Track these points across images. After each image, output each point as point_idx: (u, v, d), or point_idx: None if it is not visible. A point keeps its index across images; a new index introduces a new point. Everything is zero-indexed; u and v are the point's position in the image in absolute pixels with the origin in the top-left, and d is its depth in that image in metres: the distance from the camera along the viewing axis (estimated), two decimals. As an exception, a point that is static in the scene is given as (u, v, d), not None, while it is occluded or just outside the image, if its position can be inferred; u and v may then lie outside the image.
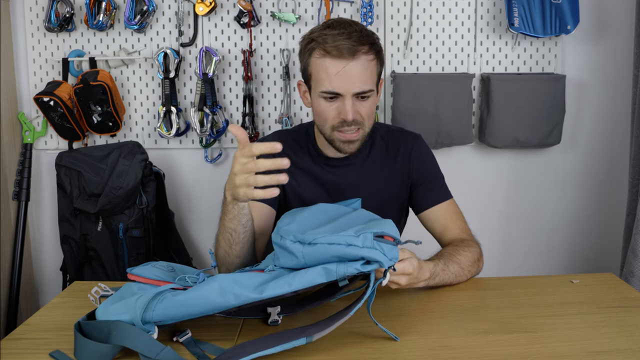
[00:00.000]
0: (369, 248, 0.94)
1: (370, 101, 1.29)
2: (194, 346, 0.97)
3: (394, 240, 0.98)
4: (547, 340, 0.99)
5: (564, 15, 1.99)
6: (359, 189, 1.41)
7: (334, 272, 0.93)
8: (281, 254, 1.01)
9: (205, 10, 2.02)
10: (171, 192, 2.18)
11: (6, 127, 2.07)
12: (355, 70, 1.24)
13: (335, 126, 1.29)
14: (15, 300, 2.06)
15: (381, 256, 0.94)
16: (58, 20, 2.03)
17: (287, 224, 1.06)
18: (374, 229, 0.96)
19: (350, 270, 0.93)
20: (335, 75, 1.23)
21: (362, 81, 1.25)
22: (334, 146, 1.33)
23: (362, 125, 1.29)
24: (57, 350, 0.97)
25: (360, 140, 1.32)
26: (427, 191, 1.42)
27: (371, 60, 1.26)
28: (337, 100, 1.27)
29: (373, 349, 0.97)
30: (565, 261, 2.27)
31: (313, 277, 0.93)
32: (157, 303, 0.94)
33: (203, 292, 0.94)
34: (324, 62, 1.24)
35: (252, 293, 0.92)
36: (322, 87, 1.26)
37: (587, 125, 2.20)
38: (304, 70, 1.32)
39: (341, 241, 0.94)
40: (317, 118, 1.33)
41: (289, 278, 0.94)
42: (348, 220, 1.10)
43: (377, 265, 0.94)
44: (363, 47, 1.24)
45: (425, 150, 1.45)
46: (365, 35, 1.26)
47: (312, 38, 1.27)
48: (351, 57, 1.23)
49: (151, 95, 2.15)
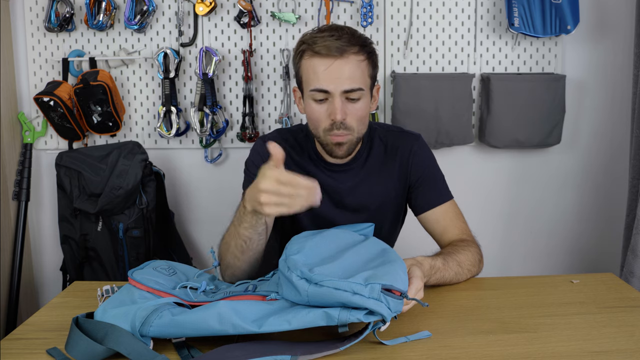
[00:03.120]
0: (375, 300, 0.93)
1: (360, 104, 1.27)
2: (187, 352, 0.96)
3: (401, 295, 0.97)
4: (547, 340, 0.99)
5: (564, 15, 1.99)
6: (358, 193, 1.40)
7: (336, 318, 0.92)
8: (285, 285, 1.00)
9: (205, 10, 2.02)
10: (171, 192, 2.18)
11: (6, 127, 2.07)
12: (344, 67, 1.23)
13: (326, 129, 1.28)
14: (15, 300, 2.06)
15: (386, 310, 0.93)
16: (58, 20, 2.03)
17: (295, 252, 1.04)
18: (383, 280, 0.95)
19: (352, 319, 0.92)
20: (323, 73, 1.23)
21: (351, 78, 1.23)
22: (326, 150, 1.33)
23: (351, 130, 1.27)
24: (54, 347, 0.97)
25: (349, 144, 1.30)
26: (427, 193, 1.41)
27: (361, 61, 1.25)
28: (326, 102, 1.26)
29: (373, 349, 0.97)
30: (565, 261, 2.27)
31: (314, 320, 0.93)
32: (155, 319, 0.94)
33: (202, 316, 0.94)
34: (312, 62, 1.25)
35: (251, 326, 0.92)
36: (311, 86, 1.26)
37: (587, 125, 2.20)
38: (296, 74, 1.32)
39: (348, 288, 0.93)
40: (310, 123, 1.32)
41: (289, 316, 0.93)
42: (358, 254, 1.09)
43: (379, 317, 0.94)
44: (353, 48, 1.23)
45: (425, 151, 1.44)
46: (357, 38, 1.26)
47: (303, 41, 1.27)
48: (339, 55, 1.22)
49: (151, 95, 2.15)
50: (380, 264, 1.03)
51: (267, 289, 1.06)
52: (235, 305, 0.96)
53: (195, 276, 1.17)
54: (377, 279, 0.95)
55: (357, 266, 1.02)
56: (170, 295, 1.03)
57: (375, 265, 1.03)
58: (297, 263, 0.99)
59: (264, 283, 1.11)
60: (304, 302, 0.96)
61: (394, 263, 1.03)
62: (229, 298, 1.02)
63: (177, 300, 1.02)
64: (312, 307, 0.95)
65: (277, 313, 0.95)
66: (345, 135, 1.28)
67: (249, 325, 0.92)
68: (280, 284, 1.03)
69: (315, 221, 1.40)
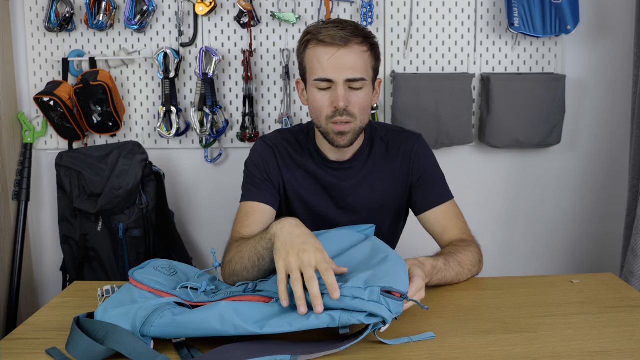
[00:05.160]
0: (375, 302, 0.93)
1: (363, 93, 1.29)
2: (187, 352, 0.96)
3: (401, 296, 0.97)
4: (547, 340, 0.99)
5: (564, 15, 1.99)
6: (359, 192, 1.40)
7: (337, 320, 0.93)
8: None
9: (205, 10, 2.02)
10: (171, 192, 2.18)
11: (6, 127, 2.07)
12: (347, 56, 1.25)
13: (328, 116, 1.28)
14: (15, 300, 2.06)
15: (386, 312, 0.94)
16: (58, 20, 2.03)
17: None
18: (382, 282, 0.95)
19: (353, 321, 0.93)
20: (327, 62, 1.25)
21: (354, 68, 1.26)
22: (327, 139, 1.33)
23: (354, 117, 1.28)
24: (54, 347, 0.97)
25: (352, 133, 1.30)
26: (427, 193, 1.41)
27: (364, 52, 1.28)
28: (330, 90, 1.28)
29: (373, 349, 0.97)
30: (565, 261, 2.27)
31: (315, 322, 0.93)
32: (156, 319, 0.94)
33: (203, 316, 0.94)
34: (316, 51, 1.27)
35: (252, 327, 0.92)
36: (315, 75, 1.27)
37: (587, 125, 2.20)
38: (300, 65, 1.34)
39: (347, 293, 0.94)
40: (312, 111, 1.33)
41: (290, 319, 0.94)
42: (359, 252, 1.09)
43: (380, 319, 0.94)
44: (356, 39, 1.26)
45: (425, 151, 1.44)
46: (360, 30, 1.28)
47: (308, 32, 1.29)
48: (343, 44, 1.25)
49: (151, 95, 2.15)
50: (380, 262, 1.03)
51: (267, 289, 1.06)
52: (237, 306, 0.96)
53: (195, 276, 1.17)
54: (376, 281, 0.95)
55: (357, 265, 1.03)
56: (171, 295, 1.03)
57: (376, 263, 1.03)
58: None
59: (263, 283, 1.11)
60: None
61: (394, 262, 1.03)
62: (230, 299, 1.02)
63: (177, 300, 1.02)
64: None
65: (278, 315, 0.96)
66: (347, 124, 1.28)
67: (251, 327, 0.92)
68: None
69: (316, 220, 1.40)
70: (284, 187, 1.40)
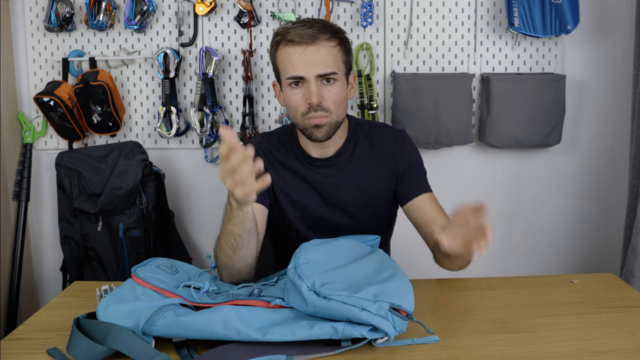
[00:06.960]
0: (382, 318, 0.94)
1: (336, 87, 1.31)
2: (186, 352, 0.96)
3: (407, 315, 0.98)
4: (547, 340, 0.99)
5: (564, 15, 1.99)
6: (345, 188, 1.42)
7: (340, 333, 0.93)
8: (293, 293, 1.01)
9: (205, 10, 2.02)
10: (171, 192, 2.18)
11: (6, 127, 2.07)
12: (316, 53, 1.28)
13: (304, 113, 1.31)
14: (15, 300, 2.06)
15: (391, 329, 0.95)
16: (58, 20, 2.03)
17: (305, 261, 1.05)
18: (392, 298, 0.96)
19: (356, 334, 0.94)
20: (297, 60, 1.28)
21: (324, 63, 1.28)
22: (306, 135, 1.35)
23: (329, 112, 1.30)
24: (54, 347, 0.97)
25: (328, 126, 1.32)
26: (412, 183, 1.43)
27: (333, 47, 1.30)
28: (302, 87, 1.30)
29: (372, 348, 0.97)
30: (565, 261, 2.27)
31: (318, 333, 0.94)
32: (159, 318, 0.95)
33: (206, 319, 0.95)
34: (286, 50, 1.29)
35: (255, 333, 0.93)
36: (287, 74, 1.30)
37: (587, 126, 2.20)
38: (273, 66, 1.36)
39: (356, 304, 0.94)
40: (289, 110, 1.36)
41: (294, 327, 0.94)
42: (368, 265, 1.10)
43: (382, 334, 0.95)
44: (324, 35, 1.29)
45: (409, 146, 1.47)
46: (328, 27, 1.31)
47: (277, 33, 1.32)
48: (311, 41, 1.27)
49: (151, 95, 2.14)
50: (388, 278, 1.04)
51: (272, 294, 1.06)
52: (241, 311, 0.97)
53: (196, 275, 1.17)
54: (386, 296, 0.96)
55: (364, 279, 1.03)
56: (175, 296, 1.04)
57: (383, 279, 1.03)
58: (307, 273, 1.00)
59: (269, 288, 1.12)
60: (309, 313, 0.98)
61: (402, 281, 1.04)
62: (233, 302, 1.02)
63: (181, 301, 1.02)
64: (317, 318, 0.97)
65: (282, 323, 0.96)
66: (322, 117, 1.30)
67: (254, 333, 0.93)
68: (286, 290, 1.04)
69: (307, 218, 1.42)
70: (272, 188, 1.41)
